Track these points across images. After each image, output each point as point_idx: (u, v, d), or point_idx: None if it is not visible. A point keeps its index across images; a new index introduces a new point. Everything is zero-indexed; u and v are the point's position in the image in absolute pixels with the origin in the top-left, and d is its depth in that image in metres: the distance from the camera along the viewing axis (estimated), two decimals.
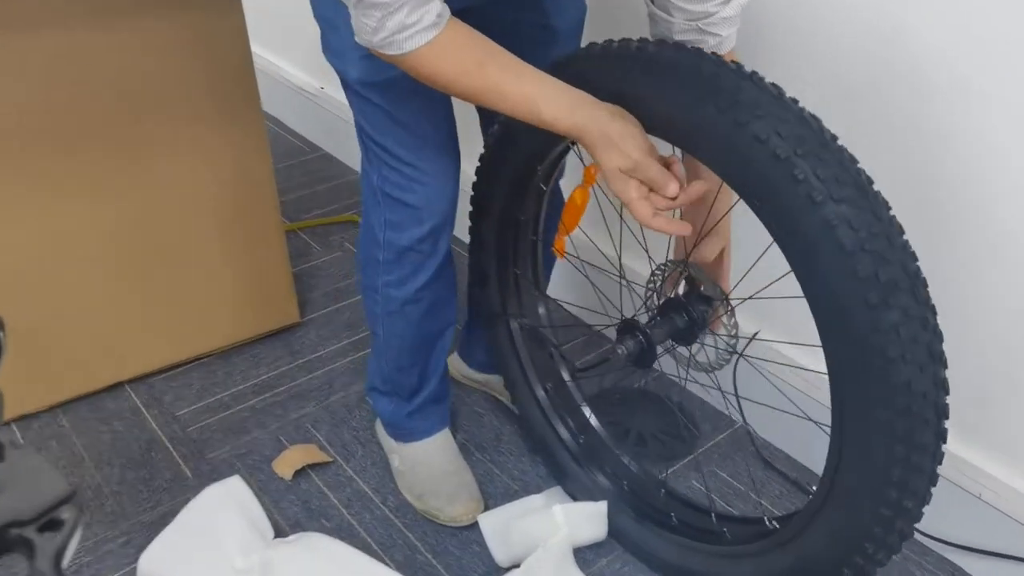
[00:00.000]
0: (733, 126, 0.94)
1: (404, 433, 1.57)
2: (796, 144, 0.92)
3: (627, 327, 1.25)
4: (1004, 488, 1.32)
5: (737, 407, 1.39)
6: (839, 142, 0.95)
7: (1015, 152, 1.15)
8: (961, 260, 1.26)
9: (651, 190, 1.02)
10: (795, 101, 0.96)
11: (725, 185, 1.12)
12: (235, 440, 1.66)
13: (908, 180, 1.26)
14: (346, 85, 1.24)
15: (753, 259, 1.22)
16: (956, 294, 1.26)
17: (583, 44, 1.20)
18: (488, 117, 1.41)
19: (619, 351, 1.25)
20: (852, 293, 0.91)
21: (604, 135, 1.00)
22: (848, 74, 1.28)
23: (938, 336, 0.94)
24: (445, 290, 1.42)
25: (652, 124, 1.03)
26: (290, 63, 2.79)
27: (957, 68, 1.16)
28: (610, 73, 1.06)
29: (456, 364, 1.78)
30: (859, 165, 0.94)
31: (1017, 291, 1.22)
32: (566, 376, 1.53)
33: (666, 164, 1.02)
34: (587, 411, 1.51)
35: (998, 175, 1.17)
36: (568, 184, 1.38)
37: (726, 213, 1.20)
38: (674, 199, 1.01)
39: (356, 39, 1.03)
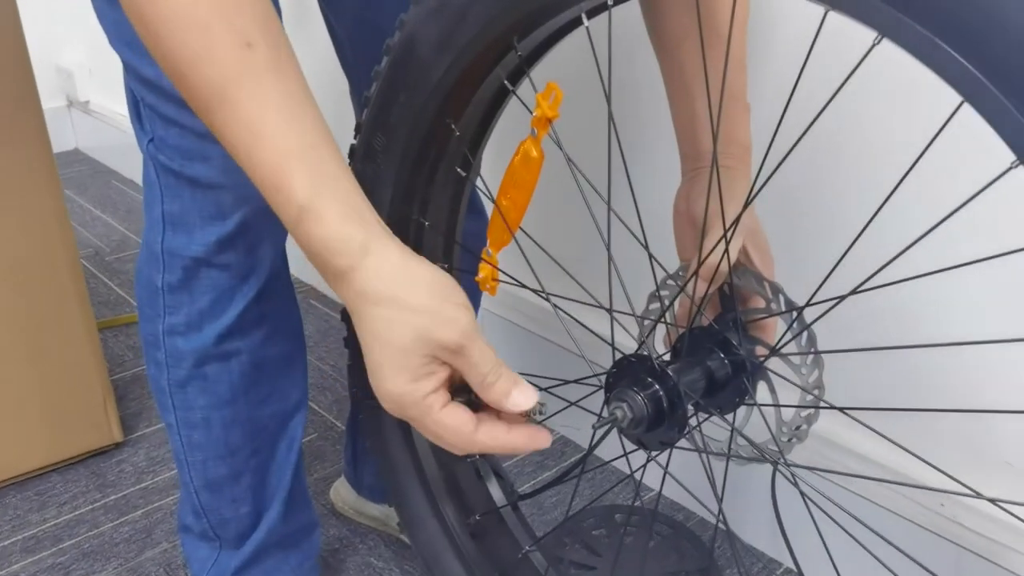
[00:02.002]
0: None
1: None
2: None
3: (628, 373, 0.65)
4: None
5: (787, 543, 0.77)
6: None
7: None
8: None
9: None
10: None
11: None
12: None
13: None
14: None
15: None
16: None
17: None
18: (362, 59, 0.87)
19: (617, 414, 0.63)
20: None
21: (383, 273, 0.48)
22: None
23: None
24: (281, 339, 0.82)
25: None
26: None
27: None
28: None
29: (342, 493, 1.16)
30: None
31: None
32: (500, 499, 0.90)
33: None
34: (537, 561, 0.88)
35: None
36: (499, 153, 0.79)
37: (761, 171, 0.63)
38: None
39: None
